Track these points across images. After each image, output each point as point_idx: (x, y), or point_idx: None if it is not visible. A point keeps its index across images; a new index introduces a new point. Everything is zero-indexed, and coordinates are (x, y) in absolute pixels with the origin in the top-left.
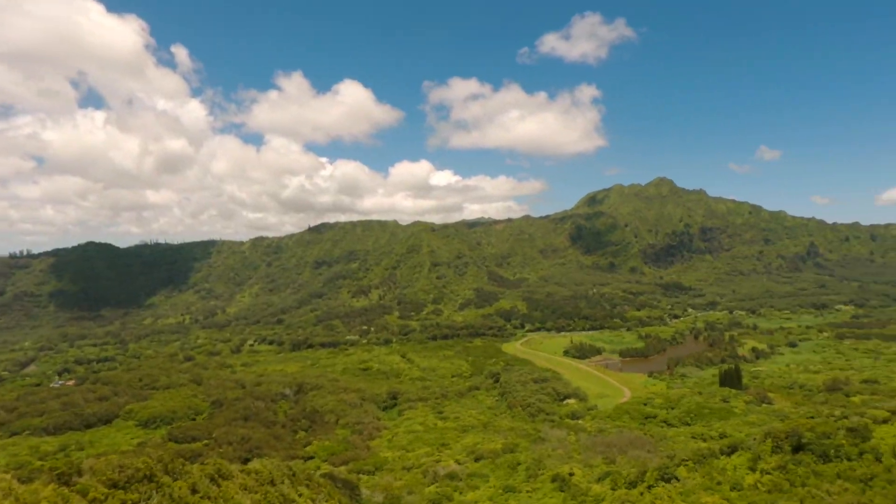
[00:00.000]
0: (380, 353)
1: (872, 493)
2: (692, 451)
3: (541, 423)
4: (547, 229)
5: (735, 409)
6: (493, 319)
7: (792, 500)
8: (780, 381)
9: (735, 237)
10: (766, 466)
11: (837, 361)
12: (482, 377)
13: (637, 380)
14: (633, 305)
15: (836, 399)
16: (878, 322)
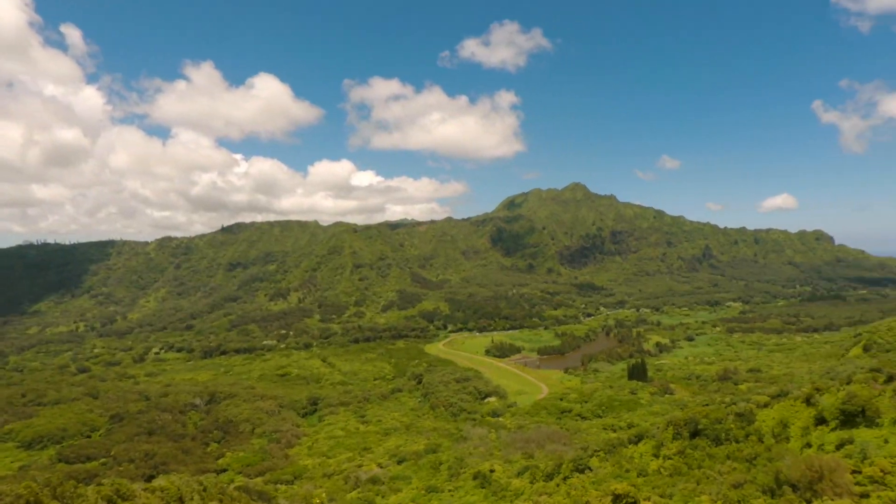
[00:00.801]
0: (299, 357)
1: (756, 470)
2: (604, 442)
3: (463, 422)
4: (469, 231)
5: (641, 401)
6: (416, 321)
7: (689, 481)
8: (680, 373)
9: (641, 240)
10: (668, 452)
11: (728, 353)
12: (405, 379)
13: (554, 376)
14: (551, 305)
15: (727, 387)
16: (760, 317)
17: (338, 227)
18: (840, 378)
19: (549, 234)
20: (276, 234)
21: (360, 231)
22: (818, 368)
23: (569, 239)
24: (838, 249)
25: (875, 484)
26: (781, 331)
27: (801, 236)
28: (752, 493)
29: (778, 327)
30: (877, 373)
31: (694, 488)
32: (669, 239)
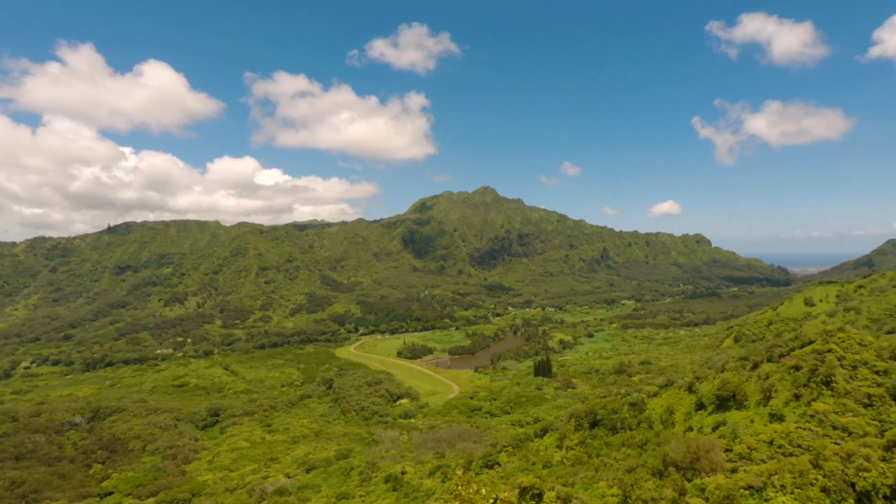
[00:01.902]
0: (198, 366)
1: (646, 455)
2: (512, 438)
3: (375, 425)
4: (380, 233)
5: (547, 396)
6: (327, 324)
7: (589, 469)
8: (581, 368)
9: (546, 242)
10: (570, 443)
11: (623, 348)
12: (315, 384)
13: (465, 375)
14: (462, 306)
15: (622, 379)
16: (650, 313)
17: (242, 227)
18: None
19: (459, 237)
20: (173, 235)
21: (266, 232)
22: (698, 359)
23: (479, 241)
24: (715, 251)
25: (743, 460)
26: (668, 326)
27: (685, 239)
28: (644, 476)
29: (665, 323)
30: (744, 361)
31: (593, 475)
32: (572, 241)
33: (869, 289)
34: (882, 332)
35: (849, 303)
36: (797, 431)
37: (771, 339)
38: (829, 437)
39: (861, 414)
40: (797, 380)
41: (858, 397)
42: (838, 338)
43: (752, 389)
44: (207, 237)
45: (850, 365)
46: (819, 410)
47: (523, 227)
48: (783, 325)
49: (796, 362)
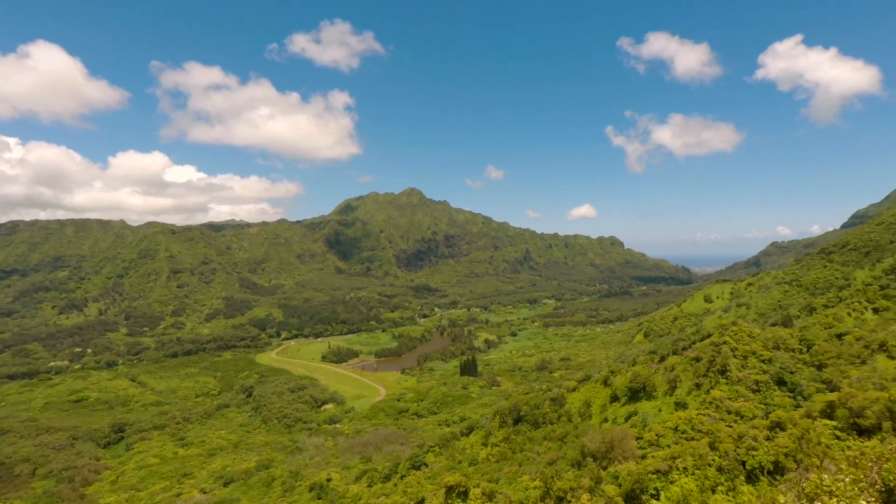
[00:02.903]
0: (100, 379)
1: (566, 447)
2: (438, 438)
3: (298, 432)
4: (304, 234)
5: (472, 394)
6: (246, 329)
7: (513, 464)
8: (505, 366)
9: (472, 244)
10: (495, 440)
11: (545, 345)
12: (233, 393)
13: (391, 377)
14: (388, 307)
15: (544, 376)
16: (569, 312)
17: (151, 227)
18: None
19: (386, 238)
20: (69, 235)
21: (179, 232)
22: (613, 354)
23: (405, 242)
24: (627, 253)
25: (652, 446)
26: (586, 323)
27: (600, 241)
28: (564, 467)
29: (583, 320)
30: (653, 354)
31: (517, 470)
32: (496, 243)
33: (756, 286)
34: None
35: (740, 299)
36: (698, 417)
37: (676, 334)
38: (725, 420)
39: (750, 399)
40: (698, 370)
41: (748, 384)
42: (732, 331)
43: (660, 381)
44: (111, 238)
45: (742, 355)
46: (716, 397)
47: (449, 228)
48: (686, 321)
49: (697, 354)
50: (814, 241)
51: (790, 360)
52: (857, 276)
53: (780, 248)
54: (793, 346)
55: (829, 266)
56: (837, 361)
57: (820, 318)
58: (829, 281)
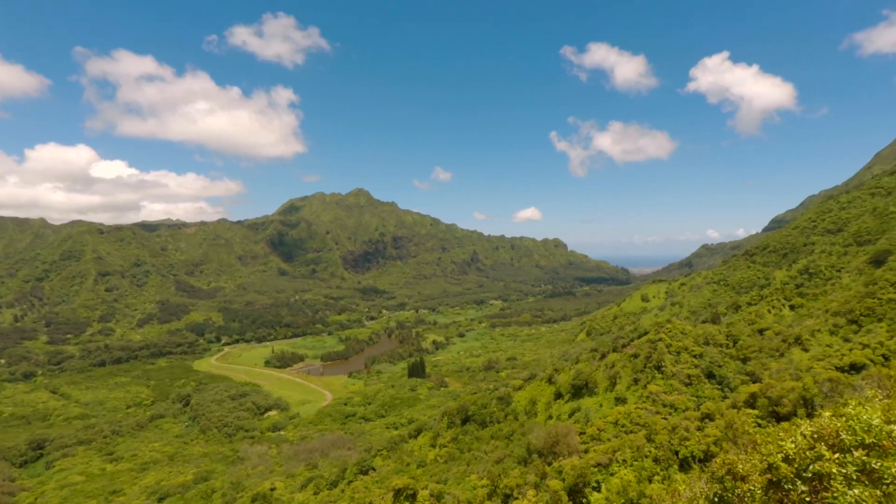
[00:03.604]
0: (15, 391)
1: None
2: (387, 441)
3: (240, 441)
4: (246, 235)
5: (421, 396)
6: (183, 335)
7: (461, 464)
8: (453, 367)
9: (420, 245)
10: (443, 441)
11: (492, 345)
12: (168, 402)
13: (338, 381)
14: (335, 310)
15: (491, 375)
16: (516, 312)
17: (76, 226)
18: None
19: (332, 239)
20: None
21: (107, 232)
22: (557, 353)
23: (353, 244)
24: (570, 254)
25: (594, 440)
26: (531, 323)
27: (545, 243)
28: (511, 465)
29: (529, 320)
30: (595, 352)
31: (465, 470)
32: (444, 245)
33: (689, 286)
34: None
35: (674, 298)
36: (636, 411)
37: (616, 332)
38: (660, 413)
39: (684, 392)
40: (636, 366)
41: (682, 378)
42: (666, 329)
43: (601, 377)
44: (29, 237)
45: (676, 351)
46: (653, 391)
47: (397, 230)
48: (626, 319)
49: (635, 351)
50: (739, 243)
51: (718, 355)
52: (776, 275)
53: (709, 250)
54: (721, 342)
55: (752, 267)
56: (759, 355)
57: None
58: (752, 280)
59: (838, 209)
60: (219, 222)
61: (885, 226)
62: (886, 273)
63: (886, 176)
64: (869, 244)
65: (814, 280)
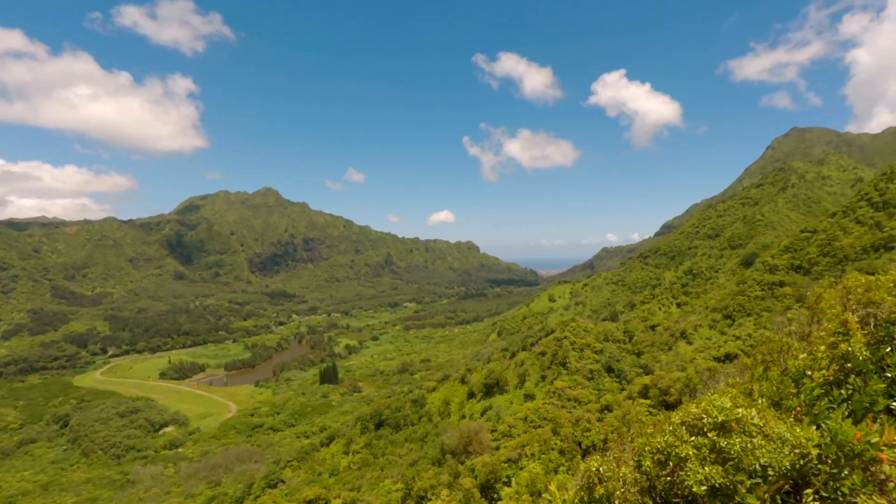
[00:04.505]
0: None
1: (427, 447)
2: (297, 451)
3: (130, 463)
4: (138, 235)
5: (333, 402)
6: (61, 347)
7: (375, 470)
8: (367, 371)
9: (332, 247)
10: (356, 447)
11: (406, 348)
12: (42, 424)
13: (244, 391)
14: (240, 316)
15: (405, 378)
16: (429, 314)
17: None
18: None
19: (237, 241)
20: None
21: None
22: (470, 353)
23: (260, 246)
24: (483, 257)
25: (505, 437)
26: (445, 325)
27: (458, 246)
28: (425, 466)
29: (442, 322)
30: (505, 351)
31: (379, 475)
32: (357, 247)
33: (591, 286)
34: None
35: (578, 298)
36: (544, 407)
37: (525, 332)
38: (566, 407)
39: (586, 386)
40: (543, 363)
41: (585, 373)
42: (571, 327)
43: (511, 375)
44: None
45: (579, 347)
46: (559, 387)
47: (308, 231)
48: (534, 319)
49: (542, 349)
50: (634, 247)
51: (617, 350)
52: (665, 276)
53: (609, 253)
54: (619, 338)
55: (645, 268)
56: (651, 349)
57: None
58: (645, 281)
59: (716, 217)
60: (106, 221)
61: (753, 232)
62: (754, 273)
63: (753, 188)
64: (740, 248)
65: (696, 280)
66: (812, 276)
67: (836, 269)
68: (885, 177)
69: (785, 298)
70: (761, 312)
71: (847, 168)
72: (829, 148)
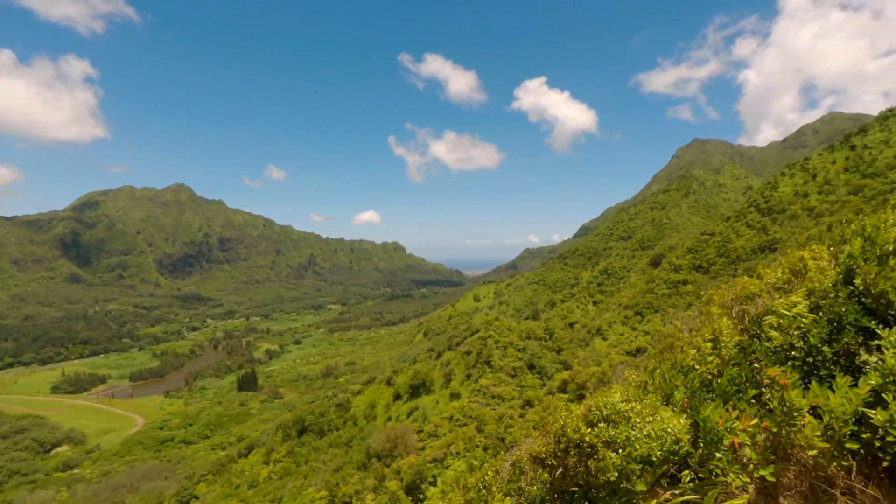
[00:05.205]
0: None
1: (352, 451)
2: (212, 464)
3: (14, 490)
4: (24, 234)
5: (252, 411)
6: None
7: (298, 478)
8: (289, 376)
9: (251, 248)
10: (277, 456)
11: (330, 351)
12: None
13: (152, 403)
14: (148, 321)
15: (330, 382)
16: (355, 316)
17: None
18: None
19: (145, 240)
20: None
21: None
22: (396, 354)
23: (171, 246)
24: (409, 258)
25: (431, 437)
26: (371, 326)
27: (384, 247)
28: (350, 471)
29: (368, 324)
30: (431, 352)
31: (302, 483)
32: (278, 247)
33: (514, 286)
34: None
35: (502, 297)
36: (469, 405)
37: (451, 331)
38: (490, 405)
39: (510, 383)
40: (468, 362)
41: (508, 370)
42: (495, 326)
43: (437, 375)
44: None
45: (503, 346)
46: (483, 385)
47: (225, 231)
48: (460, 319)
49: (468, 348)
50: (555, 248)
51: (538, 348)
52: (583, 276)
53: (531, 254)
54: (540, 336)
55: (564, 268)
56: (570, 345)
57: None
58: (564, 280)
59: (628, 220)
60: None
61: (660, 234)
62: (661, 273)
63: (661, 194)
64: (649, 249)
65: (611, 279)
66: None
67: (731, 268)
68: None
69: (687, 296)
70: (667, 309)
71: (739, 177)
72: (725, 158)
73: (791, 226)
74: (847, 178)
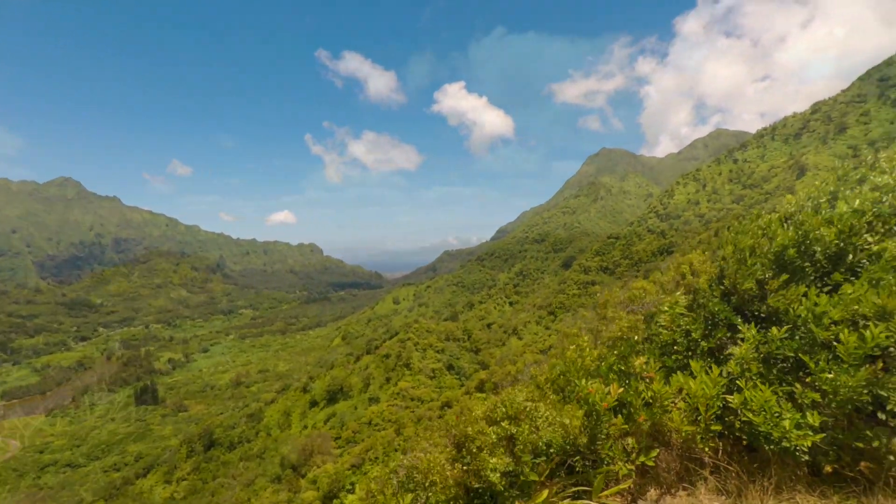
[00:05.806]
0: None
1: (265, 463)
2: (104, 487)
3: None
4: None
5: (152, 426)
6: None
7: (205, 496)
8: (194, 387)
9: (152, 249)
10: (181, 474)
11: (241, 358)
12: None
13: (31, 424)
14: (25, 332)
15: (240, 392)
16: (268, 321)
17: None
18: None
19: (22, 241)
20: None
21: None
22: (313, 360)
23: (54, 247)
24: (326, 259)
25: (349, 443)
26: (286, 331)
27: (300, 248)
28: (263, 484)
29: (282, 329)
30: (350, 356)
31: (209, 501)
32: (183, 248)
33: (433, 288)
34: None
35: (421, 299)
36: (388, 409)
37: (370, 335)
38: (409, 407)
39: (429, 385)
40: (387, 366)
41: (427, 372)
42: (414, 328)
43: (356, 380)
44: None
45: (422, 348)
46: (402, 388)
47: (121, 230)
48: (379, 322)
49: (387, 351)
50: (473, 250)
51: (457, 349)
52: (500, 277)
53: (451, 256)
54: (458, 336)
55: (482, 270)
56: (487, 346)
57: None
58: (482, 282)
59: (542, 223)
60: None
61: (571, 237)
62: (572, 274)
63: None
64: (561, 251)
65: (526, 280)
66: (616, 276)
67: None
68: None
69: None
70: (577, 308)
71: (642, 185)
72: (629, 167)
73: (685, 231)
74: (731, 188)
